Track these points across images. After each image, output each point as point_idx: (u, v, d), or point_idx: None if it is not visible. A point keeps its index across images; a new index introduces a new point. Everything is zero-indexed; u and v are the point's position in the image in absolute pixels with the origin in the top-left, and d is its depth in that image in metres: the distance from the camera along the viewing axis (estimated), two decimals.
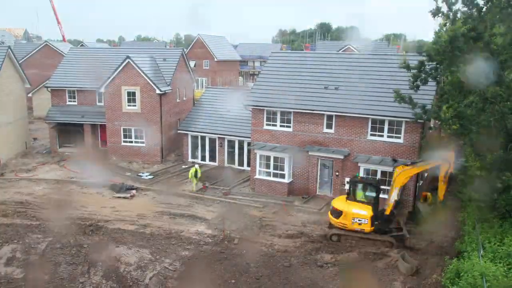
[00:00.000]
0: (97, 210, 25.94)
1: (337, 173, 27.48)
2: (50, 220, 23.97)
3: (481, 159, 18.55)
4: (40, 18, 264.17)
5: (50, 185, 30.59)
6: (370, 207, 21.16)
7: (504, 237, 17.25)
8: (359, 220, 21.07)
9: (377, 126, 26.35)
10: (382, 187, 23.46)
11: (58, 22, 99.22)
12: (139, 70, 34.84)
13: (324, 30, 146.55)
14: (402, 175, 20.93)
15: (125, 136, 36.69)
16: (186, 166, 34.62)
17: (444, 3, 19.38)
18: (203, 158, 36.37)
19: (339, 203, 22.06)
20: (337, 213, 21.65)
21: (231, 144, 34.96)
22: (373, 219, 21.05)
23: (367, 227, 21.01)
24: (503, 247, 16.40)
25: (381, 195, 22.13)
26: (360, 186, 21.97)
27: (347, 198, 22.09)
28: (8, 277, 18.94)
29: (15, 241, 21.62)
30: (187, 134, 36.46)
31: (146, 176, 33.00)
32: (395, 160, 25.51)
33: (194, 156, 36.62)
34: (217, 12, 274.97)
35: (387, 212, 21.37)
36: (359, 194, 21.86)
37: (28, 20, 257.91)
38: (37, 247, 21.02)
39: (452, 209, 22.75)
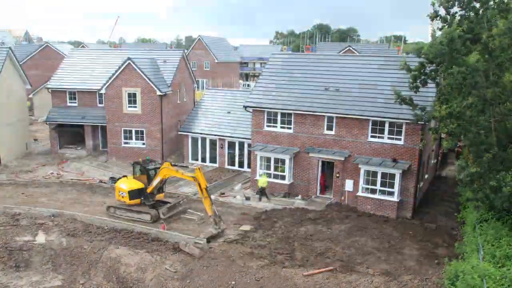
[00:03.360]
0: None
1: (337, 175, 27.50)
2: None
3: (479, 159, 18.59)
4: (41, 19, 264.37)
5: None
6: (141, 184, 24.53)
7: (502, 237, 17.30)
8: (122, 193, 24.36)
9: (378, 127, 26.39)
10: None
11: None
12: (139, 72, 34.90)
13: (324, 31, 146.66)
14: (166, 170, 23.76)
15: (125, 138, 36.76)
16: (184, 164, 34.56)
17: (442, 7, 19.48)
18: (203, 160, 36.42)
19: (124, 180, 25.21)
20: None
21: (231, 145, 35.02)
22: (132, 193, 24.18)
23: (127, 200, 24.28)
24: (501, 248, 16.44)
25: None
26: (137, 167, 25.33)
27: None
28: None
29: None
30: (187, 135, 36.50)
31: None
32: (395, 161, 25.64)
33: (194, 157, 36.69)
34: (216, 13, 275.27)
35: (148, 191, 24.52)
36: (136, 173, 25.32)
37: (29, 21, 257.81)
38: None
39: None
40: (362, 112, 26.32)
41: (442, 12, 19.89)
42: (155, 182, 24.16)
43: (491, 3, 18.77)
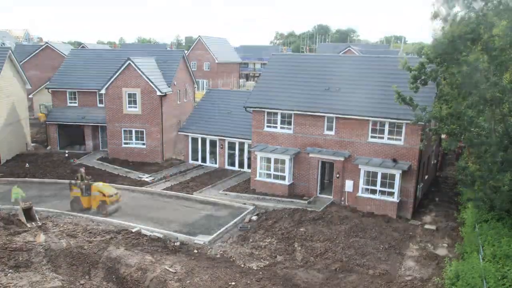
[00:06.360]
0: None
1: (337, 175, 27.50)
2: None
3: (480, 160, 18.61)
4: (41, 18, 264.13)
5: None
6: None
7: (502, 237, 17.30)
8: None
9: (378, 128, 26.39)
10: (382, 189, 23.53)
11: None
12: (139, 72, 34.91)
13: (323, 32, 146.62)
14: None
15: (125, 138, 36.76)
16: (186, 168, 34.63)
17: (442, 7, 19.48)
18: (204, 160, 36.44)
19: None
20: None
21: (231, 145, 35.02)
22: None
23: None
24: (501, 248, 16.45)
25: None
26: None
27: None
28: None
29: None
30: (187, 135, 36.52)
31: (146, 177, 32.99)
32: (395, 161, 25.65)
33: (194, 157, 36.69)
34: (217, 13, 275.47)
35: None
36: None
37: (29, 21, 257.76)
38: None
39: None
40: (362, 112, 26.31)
41: (442, 12, 19.89)
42: None
43: (495, 2, 18.73)
